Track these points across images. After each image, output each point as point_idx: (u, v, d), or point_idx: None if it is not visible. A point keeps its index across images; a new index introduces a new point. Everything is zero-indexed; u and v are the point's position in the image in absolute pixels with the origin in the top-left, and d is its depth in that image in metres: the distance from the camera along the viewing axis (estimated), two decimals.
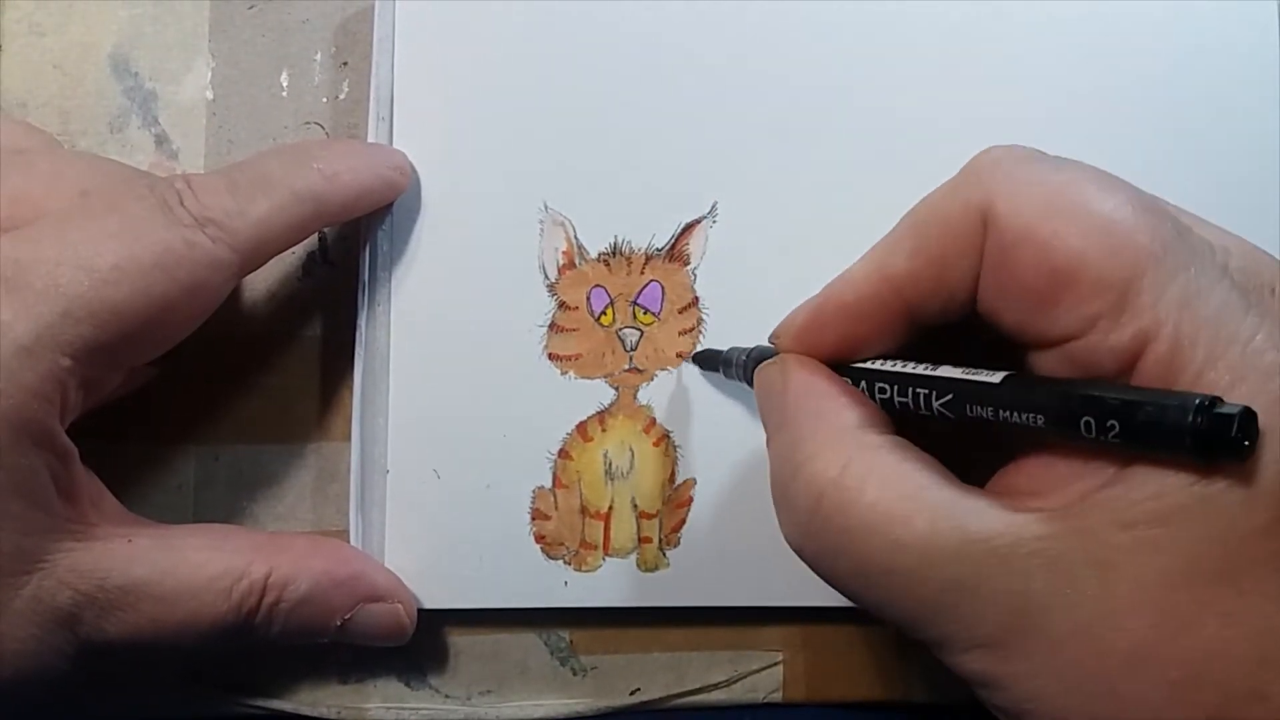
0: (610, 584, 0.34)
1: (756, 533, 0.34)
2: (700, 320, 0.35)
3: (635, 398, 0.35)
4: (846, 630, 0.35)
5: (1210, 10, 0.36)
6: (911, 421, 0.26)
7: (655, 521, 0.34)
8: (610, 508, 0.34)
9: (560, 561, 0.34)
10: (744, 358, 0.32)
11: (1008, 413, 0.23)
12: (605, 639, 0.35)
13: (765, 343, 0.30)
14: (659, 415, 0.35)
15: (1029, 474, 0.24)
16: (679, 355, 0.35)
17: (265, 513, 0.35)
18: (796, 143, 0.35)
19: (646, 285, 0.35)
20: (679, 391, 0.35)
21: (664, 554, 0.34)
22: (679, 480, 0.35)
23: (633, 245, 0.35)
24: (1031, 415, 0.23)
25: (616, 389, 0.35)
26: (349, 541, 0.34)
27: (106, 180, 0.29)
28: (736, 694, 0.35)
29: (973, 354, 0.25)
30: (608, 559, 0.34)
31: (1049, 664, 0.21)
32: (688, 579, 0.34)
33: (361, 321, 0.34)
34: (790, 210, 0.35)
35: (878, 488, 0.23)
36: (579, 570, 0.34)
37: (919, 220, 0.25)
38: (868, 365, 0.27)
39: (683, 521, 0.34)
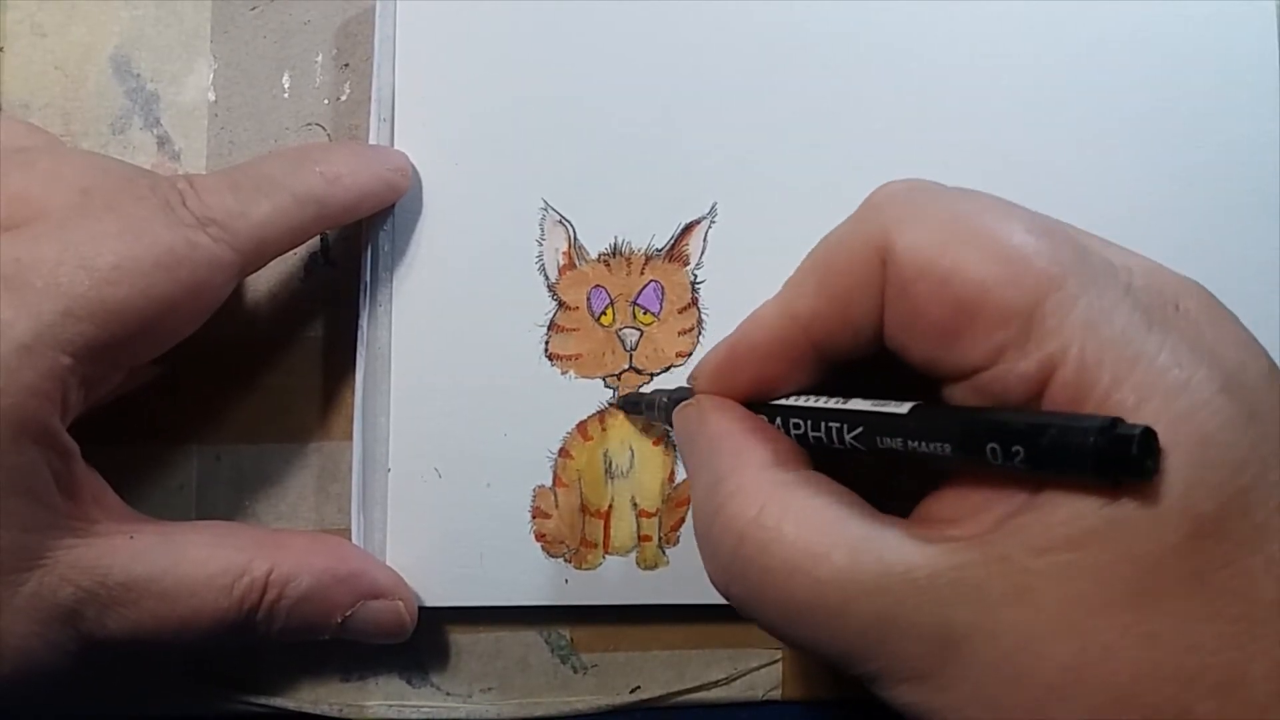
0: (610, 582, 0.34)
1: None
2: (700, 320, 0.35)
3: None
4: None
5: (1209, 10, 0.36)
6: (831, 456, 0.26)
7: (655, 520, 0.34)
8: (610, 506, 0.35)
9: (561, 560, 0.34)
10: (665, 400, 0.32)
11: (916, 443, 0.23)
12: (605, 637, 0.35)
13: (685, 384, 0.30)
14: None
15: (948, 502, 0.24)
16: (679, 355, 0.35)
17: (267, 512, 0.35)
18: (796, 144, 0.35)
19: (646, 285, 0.35)
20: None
21: (664, 552, 0.34)
22: (678, 479, 0.35)
23: (633, 246, 0.35)
24: (939, 444, 0.22)
25: (616, 389, 0.35)
26: (351, 540, 0.34)
27: (108, 179, 0.29)
28: (736, 691, 0.35)
29: (891, 387, 0.25)
30: (608, 557, 0.34)
31: (976, 695, 0.21)
32: (687, 577, 0.34)
33: (363, 321, 0.34)
34: (790, 210, 0.35)
35: (795, 525, 0.23)
36: (579, 568, 0.34)
37: (820, 259, 0.25)
38: (782, 402, 0.27)
39: (682, 520, 0.34)
